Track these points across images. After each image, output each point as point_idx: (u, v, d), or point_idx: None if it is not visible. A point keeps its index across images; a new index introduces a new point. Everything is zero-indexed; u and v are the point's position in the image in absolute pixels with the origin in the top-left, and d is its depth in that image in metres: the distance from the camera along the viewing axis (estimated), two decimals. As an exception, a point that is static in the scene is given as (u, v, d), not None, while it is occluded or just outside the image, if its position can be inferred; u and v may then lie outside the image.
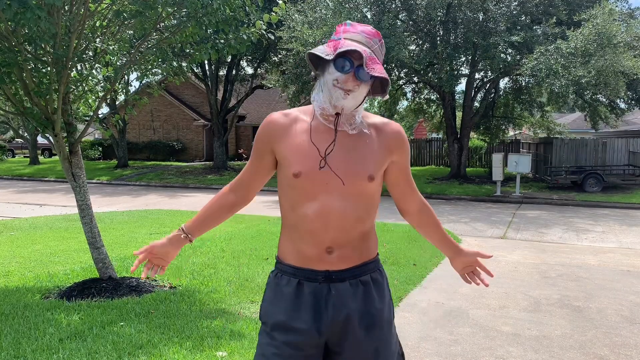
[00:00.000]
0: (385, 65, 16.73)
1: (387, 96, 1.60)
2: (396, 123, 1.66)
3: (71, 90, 4.80)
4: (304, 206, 1.54)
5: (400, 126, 1.66)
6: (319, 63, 1.55)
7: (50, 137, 4.71)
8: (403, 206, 1.75)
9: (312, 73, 1.58)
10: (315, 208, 1.53)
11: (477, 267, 1.78)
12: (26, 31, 4.00)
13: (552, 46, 13.54)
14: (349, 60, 1.47)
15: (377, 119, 1.64)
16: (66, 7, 4.28)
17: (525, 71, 13.86)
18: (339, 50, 1.45)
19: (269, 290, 1.65)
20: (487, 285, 1.75)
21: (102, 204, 12.81)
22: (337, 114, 1.53)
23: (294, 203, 1.56)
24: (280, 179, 1.61)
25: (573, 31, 13.63)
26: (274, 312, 1.59)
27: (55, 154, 24.67)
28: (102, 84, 5.12)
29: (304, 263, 1.57)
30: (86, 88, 5.06)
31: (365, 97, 1.54)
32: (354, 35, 1.51)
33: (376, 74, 1.46)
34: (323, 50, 1.48)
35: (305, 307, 1.55)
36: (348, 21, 1.59)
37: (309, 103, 1.63)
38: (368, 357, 1.58)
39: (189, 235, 1.71)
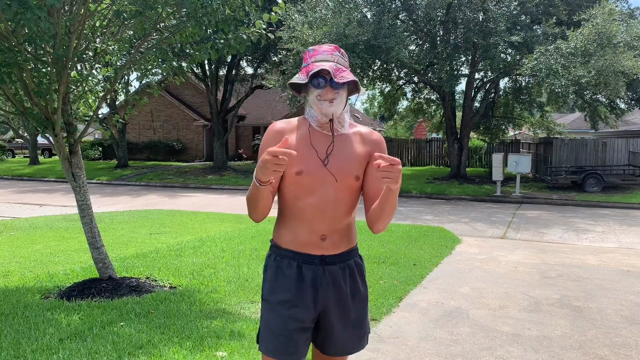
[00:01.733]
0: (385, 65, 16.78)
1: (362, 89, 1.90)
2: (378, 133, 1.96)
3: (71, 90, 4.80)
4: (304, 199, 1.83)
5: (381, 135, 1.96)
6: (301, 88, 1.89)
7: (50, 137, 4.71)
8: (371, 205, 1.88)
9: (298, 98, 1.86)
10: (314, 200, 1.82)
11: (380, 165, 1.63)
12: (26, 31, 4.00)
13: (552, 46, 13.54)
14: (322, 78, 1.78)
15: (364, 129, 1.95)
16: (66, 7, 4.28)
17: (525, 71, 13.86)
18: (310, 73, 1.77)
19: (270, 271, 1.90)
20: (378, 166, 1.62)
21: (102, 204, 12.81)
22: (331, 120, 1.84)
23: (296, 196, 1.84)
24: (283, 177, 1.85)
25: (573, 31, 13.62)
26: (278, 290, 1.86)
27: (55, 154, 24.65)
28: (102, 84, 5.12)
29: (302, 248, 1.85)
30: (86, 88, 5.06)
31: (347, 99, 1.87)
32: (318, 57, 1.83)
33: (346, 80, 1.77)
34: (299, 78, 1.81)
35: (307, 285, 1.84)
36: (310, 47, 1.90)
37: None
38: (354, 325, 1.92)
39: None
